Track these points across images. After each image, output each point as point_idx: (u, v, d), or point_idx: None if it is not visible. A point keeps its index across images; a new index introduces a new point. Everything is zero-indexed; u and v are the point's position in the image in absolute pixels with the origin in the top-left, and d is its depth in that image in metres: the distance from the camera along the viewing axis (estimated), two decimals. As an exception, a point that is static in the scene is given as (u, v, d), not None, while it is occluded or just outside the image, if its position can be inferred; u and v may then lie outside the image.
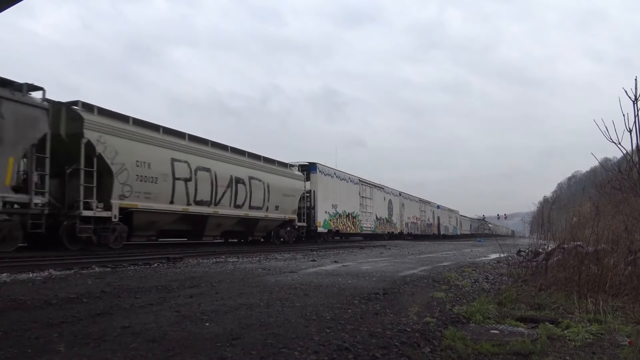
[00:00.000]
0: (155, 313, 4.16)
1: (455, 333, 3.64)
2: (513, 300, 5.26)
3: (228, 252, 13.77)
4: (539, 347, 3.33)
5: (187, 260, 10.77)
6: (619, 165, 7.64)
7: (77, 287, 5.79)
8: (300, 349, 3.07)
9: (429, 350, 3.24)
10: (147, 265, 9.29)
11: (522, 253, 9.55)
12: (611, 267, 5.77)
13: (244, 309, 4.41)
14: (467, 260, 12.32)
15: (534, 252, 8.54)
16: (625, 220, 6.50)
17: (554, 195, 48.87)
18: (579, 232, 7.48)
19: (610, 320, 4.20)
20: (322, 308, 4.55)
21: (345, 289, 5.94)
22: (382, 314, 4.40)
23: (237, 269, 8.66)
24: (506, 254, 10.14)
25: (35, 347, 3.00)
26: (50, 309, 4.35)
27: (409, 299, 5.41)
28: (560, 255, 7.10)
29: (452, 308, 4.84)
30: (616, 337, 3.70)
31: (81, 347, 3.04)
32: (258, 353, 2.97)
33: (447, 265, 10.44)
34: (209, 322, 3.85)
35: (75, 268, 8.37)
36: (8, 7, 6.58)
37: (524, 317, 4.42)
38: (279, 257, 12.58)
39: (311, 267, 9.25)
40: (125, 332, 3.42)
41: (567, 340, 3.61)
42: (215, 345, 3.12)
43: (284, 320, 3.97)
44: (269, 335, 3.40)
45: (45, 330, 3.48)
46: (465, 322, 4.26)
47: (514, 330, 3.95)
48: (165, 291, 5.58)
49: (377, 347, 3.21)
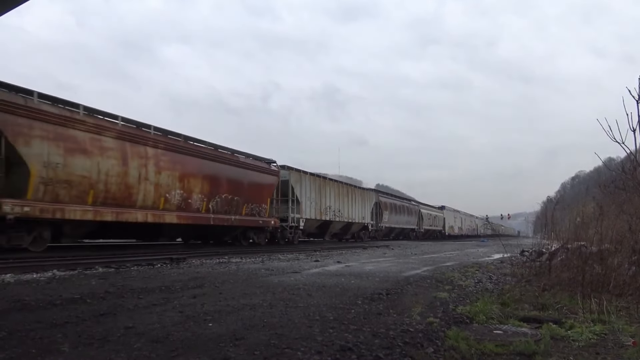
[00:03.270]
0: (159, 313, 4.18)
1: (459, 333, 3.64)
2: (516, 301, 5.25)
3: (231, 253, 13.78)
4: (543, 347, 3.32)
5: (190, 260, 10.79)
6: (623, 164, 7.60)
7: (80, 288, 5.81)
8: (303, 349, 3.07)
9: (432, 350, 3.24)
10: (151, 266, 9.31)
11: (525, 253, 9.53)
12: (615, 267, 5.76)
13: (248, 310, 4.42)
14: (471, 261, 12.30)
15: (537, 252, 8.52)
16: (629, 220, 6.48)
17: (557, 195, 48.78)
18: (582, 232, 7.45)
19: (614, 320, 4.19)
20: (325, 308, 4.55)
21: (349, 290, 5.94)
22: (385, 314, 4.40)
23: (240, 269, 8.67)
24: (510, 254, 10.12)
25: (40, 347, 3.01)
26: (54, 309, 4.37)
27: (412, 299, 5.40)
28: (563, 255, 7.09)
29: (455, 308, 4.84)
30: (620, 337, 3.69)
31: (85, 347, 3.05)
32: (261, 353, 2.98)
33: (450, 266, 10.42)
34: (212, 322, 3.86)
35: (79, 268, 8.40)
36: (10, 9, 6.61)
37: (527, 317, 4.41)
38: (282, 257, 12.59)
39: (314, 267, 9.26)
40: (129, 333, 3.43)
41: (571, 341, 3.60)
42: (219, 346, 3.12)
43: (287, 320, 3.97)
44: (272, 336, 3.41)
45: (49, 330, 3.49)
46: (468, 322, 4.26)
47: (518, 331, 3.94)
48: (169, 291, 5.59)
49: (381, 347, 3.21)
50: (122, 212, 12.48)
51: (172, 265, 9.69)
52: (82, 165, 11.41)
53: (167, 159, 14.02)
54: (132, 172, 12.82)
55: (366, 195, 30.64)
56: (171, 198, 14.10)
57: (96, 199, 11.79)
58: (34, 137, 10.40)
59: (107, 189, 12.06)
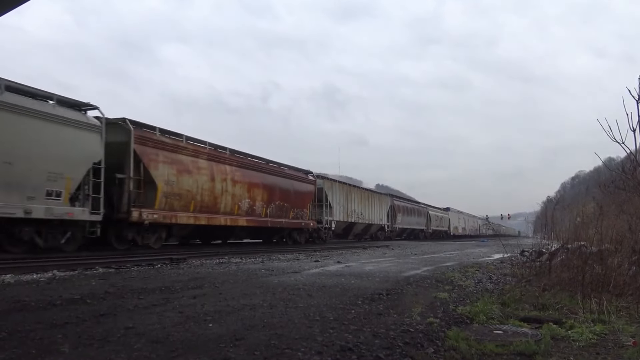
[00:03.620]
0: (159, 314, 4.17)
1: (459, 333, 3.64)
2: (517, 301, 5.25)
3: (231, 253, 13.78)
4: (543, 347, 3.32)
5: (190, 261, 10.79)
6: (623, 164, 7.61)
7: (81, 288, 5.80)
8: (303, 350, 3.07)
9: (432, 350, 3.24)
10: (151, 266, 9.31)
11: (525, 253, 9.53)
12: (615, 267, 5.76)
13: (248, 310, 4.42)
14: (471, 261, 12.30)
15: (537, 252, 8.53)
16: (629, 220, 6.48)
17: (557, 195, 48.82)
18: (582, 232, 7.46)
19: (614, 320, 4.20)
20: (326, 309, 4.55)
21: (349, 290, 5.94)
22: (386, 315, 4.40)
23: (240, 269, 8.67)
24: (510, 254, 10.12)
25: (40, 348, 3.01)
26: (54, 309, 4.37)
27: (412, 299, 5.40)
28: (564, 255, 7.09)
29: (455, 308, 4.83)
30: (620, 337, 3.69)
31: (85, 347, 3.05)
32: (261, 354, 2.98)
33: (450, 266, 10.42)
34: (212, 322, 3.86)
35: (79, 269, 8.39)
36: (10, 9, 6.61)
37: (527, 317, 4.41)
38: (282, 257, 12.59)
39: (314, 267, 9.25)
40: (129, 333, 3.43)
41: (571, 341, 3.60)
42: (219, 346, 3.12)
43: (287, 320, 3.97)
44: (272, 336, 3.41)
45: (49, 331, 3.49)
46: (468, 322, 4.26)
47: (518, 331, 3.94)
48: (169, 292, 5.59)
49: (381, 347, 3.21)
50: (212, 217, 16.09)
51: (172, 265, 9.68)
52: (187, 182, 14.98)
53: (239, 174, 17.62)
54: (217, 185, 16.36)
55: (383, 199, 34.69)
56: (242, 206, 17.63)
57: (195, 207, 15.33)
58: (159, 162, 13.94)
59: (202, 199, 15.60)
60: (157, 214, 13.61)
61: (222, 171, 16.60)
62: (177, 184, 14.47)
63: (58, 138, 10.84)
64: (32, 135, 10.26)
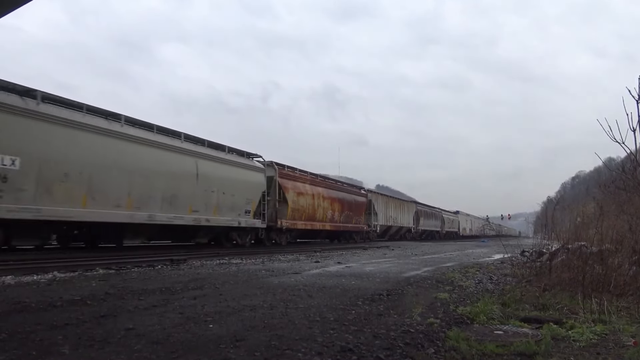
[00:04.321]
0: (159, 315, 4.17)
1: (459, 334, 3.64)
2: (517, 301, 5.25)
3: (232, 254, 13.78)
4: (543, 347, 3.32)
5: (190, 261, 10.79)
6: (623, 164, 7.61)
7: (81, 289, 5.80)
8: (304, 350, 3.07)
9: (432, 351, 3.24)
10: (151, 267, 9.31)
11: (526, 253, 9.52)
12: (615, 267, 5.76)
13: (248, 311, 4.42)
14: (471, 261, 12.30)
15: (537, 253, 8.52)
16: (630, 220, 6.48)
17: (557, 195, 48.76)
18: (583, 232, 7.45)
19: (614, 320, 4.19)
20: (326, 309, 4.55)
21: (349, 290, 5.94)
22: (386, 315, 4.40)
23: (240, 270, 8.67)
24: (510, 255, 10.11)
25: (40, 349, 3.01)
26: (55, 311, 4.37)
27: (412, 299, 5.40)
28: (564, 255, 7.09)
29: (455, 309, 4.83)
30: (621, 337, 3.69)
31: (85, 348, 3.05)
32: (262, 354, 2.98)
33: (450, 266, 10.42)
34: (212, 323, 3.86)
35: (79, 270, 8.39)
36: (11, 10, 6.61)
37: (528, 317, 4.41)
38: (283, 258, 12.59)
39: (314, 268, 9.25)
40: (129, 334, 3.43)
41: (572, 341, 3.60)
42: (219, 347, 3.12)
43: (287, 321, 3.97)
44: (272, 337, 3.41)
45: (49, 332, 3.49)
46: (469, 322, 4.25)
47: (518, 331, 3.94)
48: (169, 293, 5.59)
49: (381, 348, 3.21)
50: (313, 224, 22.90)
51: (172, 266, 9.68)
52: (301, 200, 21.65)
53: (325, 193, 24.41)
54: (315, 202, 23.09)
55: (410, 206, 42.08)
56: (326, 215, 24.41)
57: (305, 217, 21.89)
58: (289, 188, 20.59)
59: (308, 212, 22.20)
60: (289, 222, 20.30)
61: (317, 192, 23.46)
62: (297, 202, 21.14)
63: (247, 177, 17.65)
64: (238, 177, 16.94)
